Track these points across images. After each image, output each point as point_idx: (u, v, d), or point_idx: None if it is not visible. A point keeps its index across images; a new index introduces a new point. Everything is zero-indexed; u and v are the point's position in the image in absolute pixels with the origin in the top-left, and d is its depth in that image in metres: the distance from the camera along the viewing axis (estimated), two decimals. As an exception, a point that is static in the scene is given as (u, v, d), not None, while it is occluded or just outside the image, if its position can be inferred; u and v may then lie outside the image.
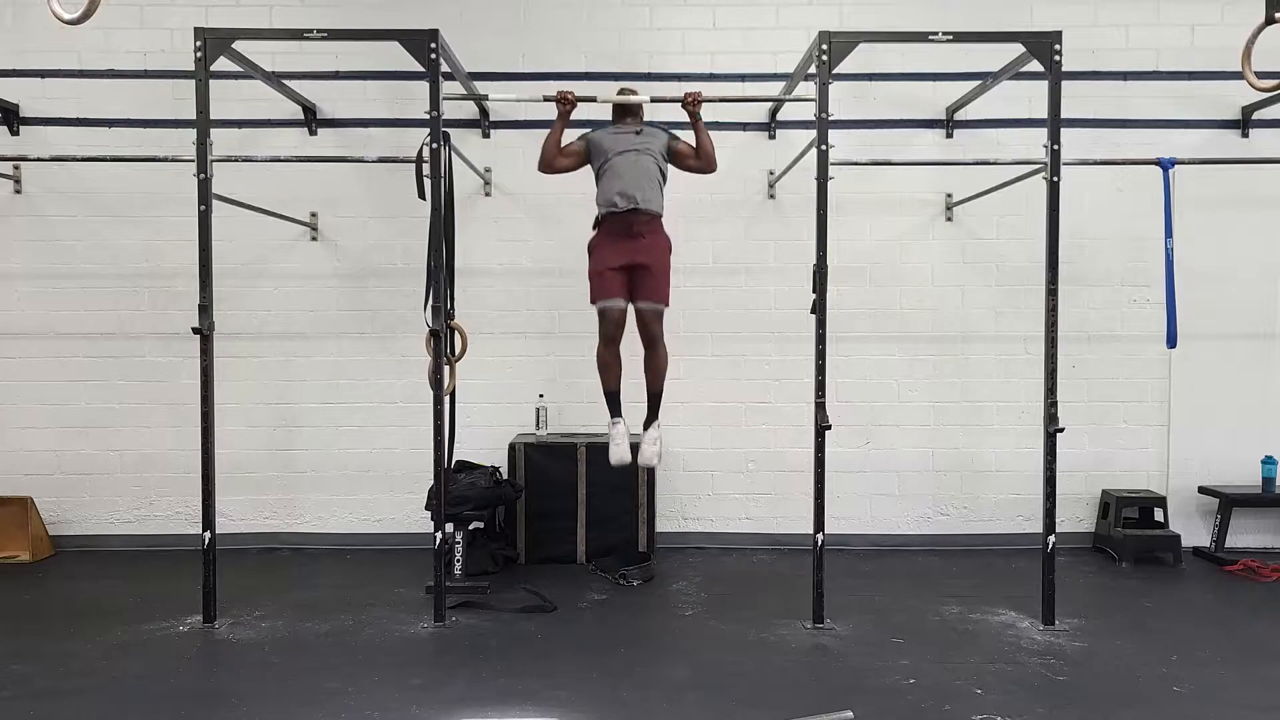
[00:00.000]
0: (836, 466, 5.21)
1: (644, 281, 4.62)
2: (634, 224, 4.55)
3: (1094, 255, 5.92)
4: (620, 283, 4.61)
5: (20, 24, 5.89)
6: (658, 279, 4.64)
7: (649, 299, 4.65)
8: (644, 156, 4.59)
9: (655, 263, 4.62)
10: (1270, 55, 4.60)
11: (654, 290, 4.64)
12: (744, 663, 3.95)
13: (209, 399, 4.42)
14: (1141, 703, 3.55)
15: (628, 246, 4.59)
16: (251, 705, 3.50)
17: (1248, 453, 5.85)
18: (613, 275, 4.60)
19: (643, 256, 4.60)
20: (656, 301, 4.65)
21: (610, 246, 4.61)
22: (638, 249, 4.59)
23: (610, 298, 4.61)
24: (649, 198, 4.54)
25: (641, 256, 4.60)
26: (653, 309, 4.66)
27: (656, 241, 4.66)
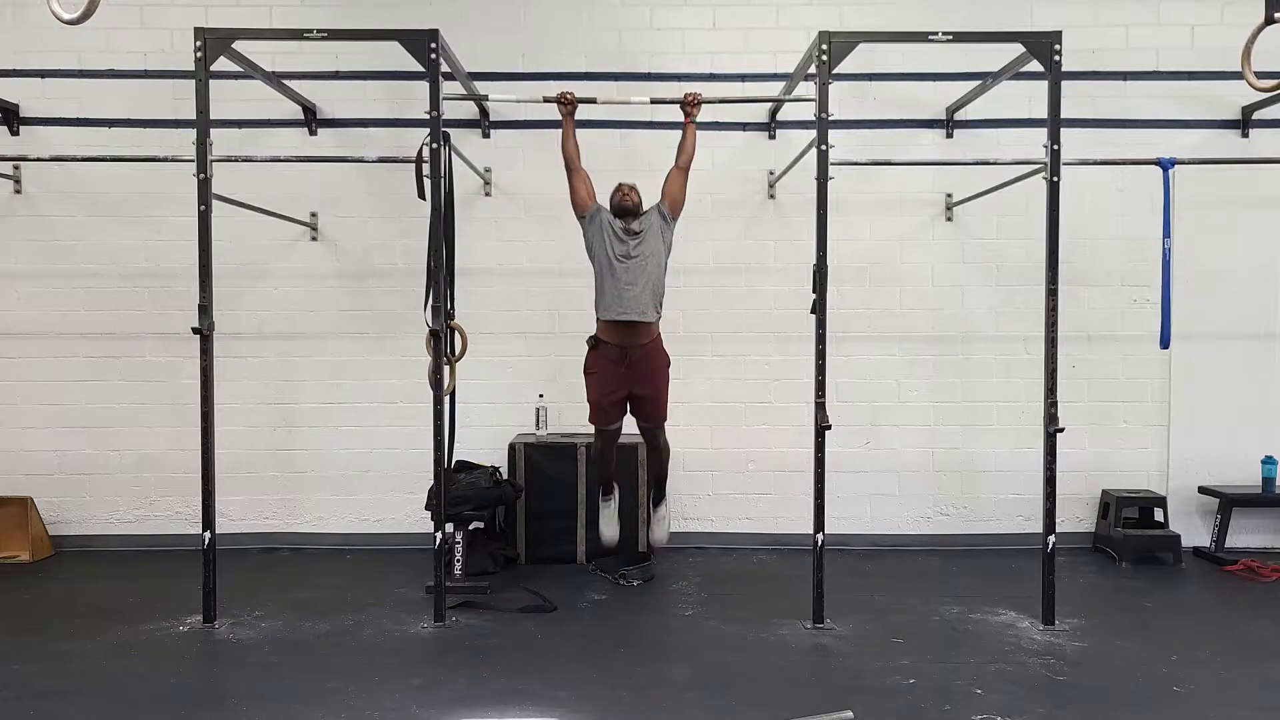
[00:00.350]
0: (836, 466, 5.21)
1: (644, 408, 4.83)
2: (629, 349, 4.71)
3: (1094, 255, 5.92)
4: (619, 409, 4.82)
5: (20, 24, 5.89)
6: (658, 404, 4.84)
7: (649, 421, 4.90)
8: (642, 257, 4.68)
9: (654, 391, 4.79)
10: (1270, 55, 4.61)
11: (654, 414, 4.87)
12: (744, 663, 3.95)
13: (209, 399, 4.42)
14: (1141, 703, 3.55)
15: (626, 375, 4.73)
16: (251, 705, 3.50)
17: (1248, 453, 5.85)
18: (612, 406, 4.79)
19: (642, 388, 4.75)
20: (657, 421, 4.90)
21: (608, 375, 4.74)
22: (636, 379, 4.74)
23: (609, 424, 4.84)
24: (644, 308, 4.67)
25: (641, 388, 4.75)
26: (653, 432, 4.95)
27: (654, 366, 4.79)
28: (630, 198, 4.76)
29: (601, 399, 4.77)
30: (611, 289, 4.67)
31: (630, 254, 4.68)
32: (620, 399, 4.77)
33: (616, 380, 4.73)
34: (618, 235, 4.71)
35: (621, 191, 4.78)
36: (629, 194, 4.76)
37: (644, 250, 4.69)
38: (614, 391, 4.74)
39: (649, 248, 4.70)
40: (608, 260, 4.68)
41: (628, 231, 4.71)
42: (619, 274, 4.65)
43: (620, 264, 4.66)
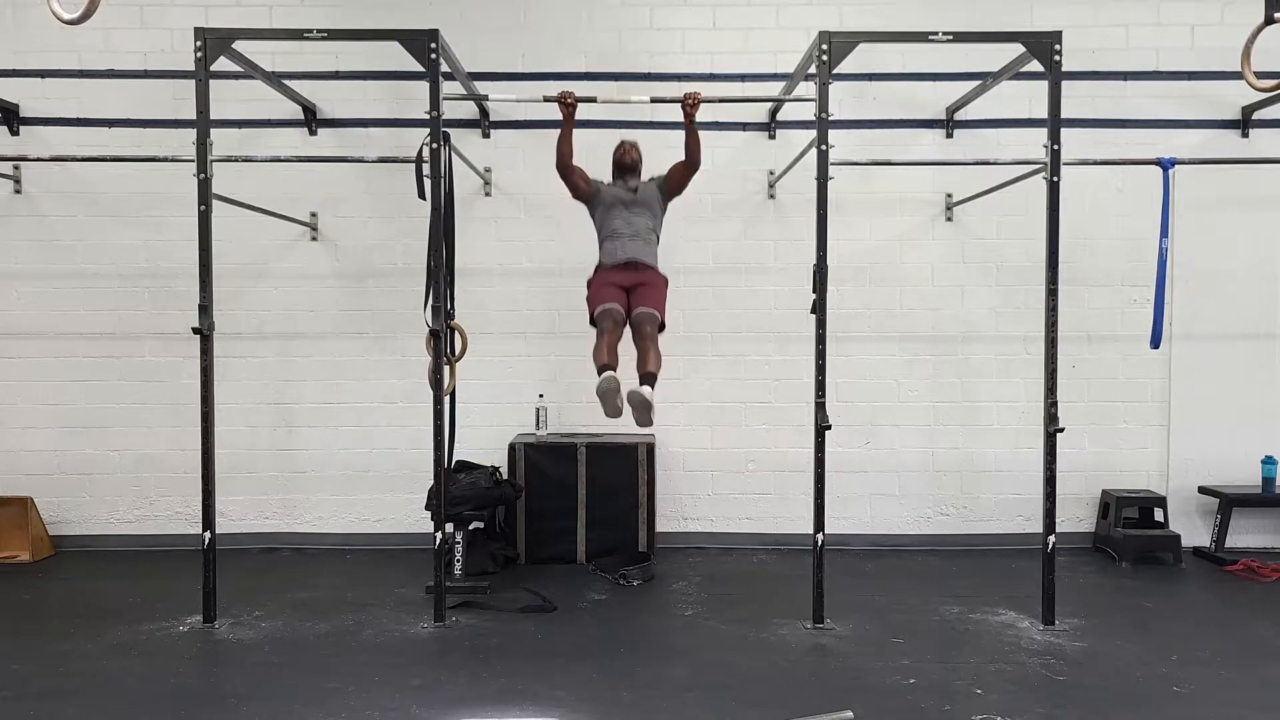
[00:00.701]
0: (836, 466, 5.20)
1: (642, 294, 4.72)
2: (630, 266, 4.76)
3: (1094, 255, 5.92)
4: (619, 295, 4.70)
5: (20, 24, 5.88)
6: (656, 292, 4.75)
7: (646, 305, 4.69)
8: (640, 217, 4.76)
9: (653, 280, 4.76)
10: (1270, 55, 4.61)
11: (651, 300, 4.71)
12: (744, 663, 3.95)
13: (209, 399, 4.42)
14: (1141, 703, 3.55)
15: (626, 274, 4.74)
16: (251, 705, 3.50)
17: (1248, 453, 5.85)
18: (611, 289, 4.72)
19: (641, 278, 4.74)
20: (653, 308, 4.68)
21: (610, 275, 4.77)
22: (635, 276, 4.75)
23: (608, 302, 4.67)
24: (645, 253, 4.74)
25: (640, 278, 4.74)
26: (649, 313, 4.66)
27: (654, 275, 4.81)
28: (630, 154, 4.85)
29: (600, 285, 4.74)
30: (612, 242, 4.75)
31: (629, 215, 4.76)
32: (619, 286, 4.71)
33: (616, 276, 4.74)
34: (618, 199, 4.78)
35: (624, 148, 4.88)
36: (629, 151, 4.86)
37: (642, 211, 4.78)
38: (613, 280, 4.73)
39: (647, 210, 4.80)
40: (608, 220, 4.77)
41: (627, 188, 4.80)
42: (620, 230, 4.73)
43: (620, 221, 4.74)
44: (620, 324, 4.65)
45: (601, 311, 4.66)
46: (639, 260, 4.72)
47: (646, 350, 4.59)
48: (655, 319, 4.65)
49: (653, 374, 4.53)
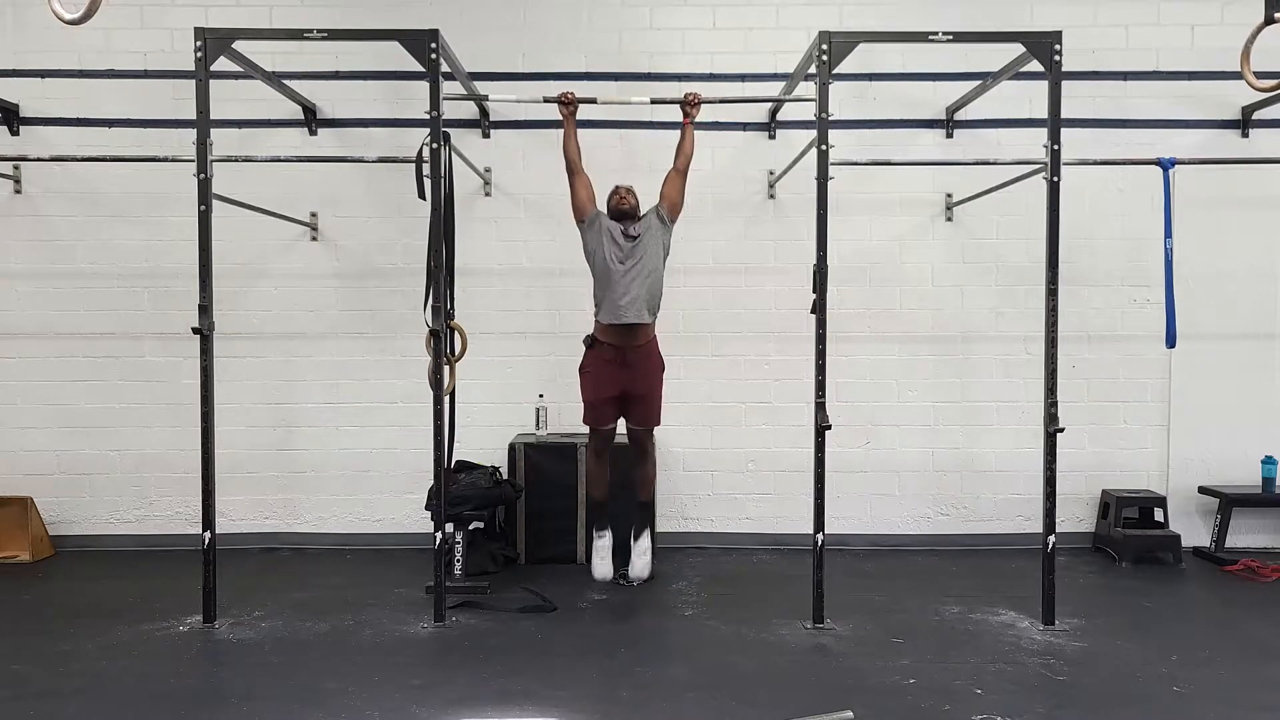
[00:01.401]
0: (836, 466, 5.21)
1: (637, 409, 4.82)
2: (626, 350, 4.73)
3: (1094, 255, 5.93)
4: (613, 407, 4.82)
5: (20, 24, 5.89)
6: (651, 405, 4.83)
7: (641, 423, 4.86)
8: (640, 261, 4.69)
9: (649, 391, 4.80)
10: (1270, 55, 4.61)
11: (646, 416, 4.85)
12: (744, 663, 3.95)
13: (209, 399, 4.42)
14: (1141, 703, 3.55)
15: (620, 376, 4.74)
16: (251, 705, 3.50)
17: (1248, 453, 5.85)
18: (606, 404, 4.80)
19: (636, 387, 4.76)
20: (648, 425, 4.87)
21: (603, 374, 4.76)
22: (631, 378, 4.75)
23: (603, 424, 4.85)
24: (640, 310, 4.68)
25: (635, 387, 4.76)
26: (644, 432, 4.88)
27: (649, 367, 4.80)
28: (627, 200, 4.78)
29: (596, 397, 4.79)
30: (609, 293, 4.68)
31: (628, 258, 4.69)
32: (614, 397, 4.77)
33: (611, 379, 4.74)
34: (616, 240, 4.71)
35: (619, 195, 4.80)
36: (626, 197, 4.79)
37: (642, 254, 4.69)
38: (608, 388, 4.75)
39: (647, 251, 4.71)
40: (606, 265, 4.69)
41: (626, 235, 4.72)
42: (617, 279, 4.66)
43: (618, 268, 4.67)
44: (612, 437, 4.93)
45: (594, 430, 4.89)
46: (635, 324, 4.67)
47: (642, 467, 4.95)
48: (649, 433, 4.90)
49: (648, 503, 5.00)
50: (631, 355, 4.74)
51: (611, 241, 4.71)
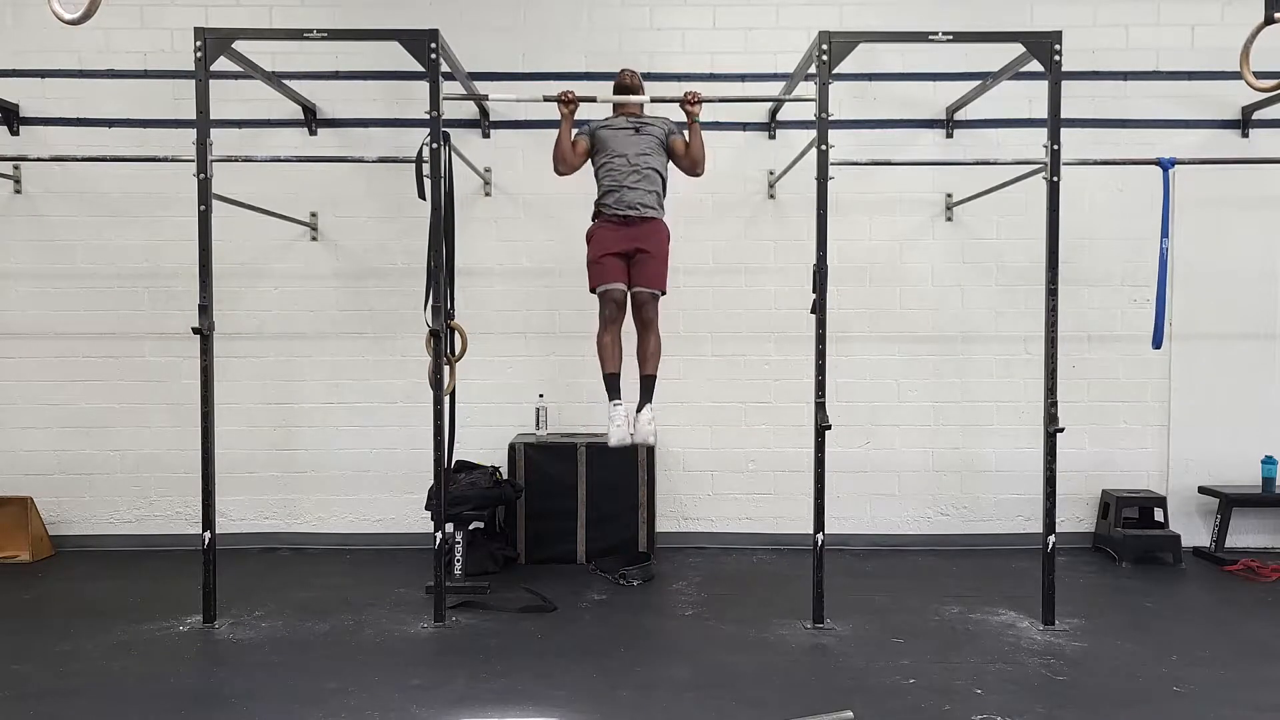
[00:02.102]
0: (836, 466, 5.20)
1: (643, 266, 4.72)
2: (632, 216, 4.71)
3: (1094, 255, 5.92)
4: (619, 268, 4.71)
5: (20, 24, 5.89)
6: (656, 263, 4.74)
7: (646, 284, 4.74)
8: (643, 158, 4.70)
9: (654, 248, 4.73)
10: (1270, 55, 4.61)
11: (652, 276, 4.74)
12: (744, 663, 3.95)
13: (209, 399, 4.42)
14: (1141, 703, 3.55)
15: (626, 234, 4.70)
16: (251, 705, 3.50)
17: (1248, 453, 5.85)
18: (612, 260, 4.69)
19: (642, 242, 4.70)
20: (654, 287, 4.75)
21: (609, 234, 4.72)
22: (636, 236, 4.70)
23: (610, 282, 4.70)
24: (648, 205, 4.70)
25: (640, 242, 4.70)
26: (649, 293, 4.75)
27: (656, 229, 4.77)
28: (634, 82, 4.87)
29: (600, 254, 4.71)
30: (614, 186, 4.71)
31: (631, 145, 4.70)
32: (620, 254, 4.70)
33: (617, 237, 4.71)
34: (620, 135, 4.73)
35: (624, 76, 4.91)
36: (631, 79, 4.88)
37: (646, 143, 4.73)
38: (614, 246, 4.69)
39: (650, 143, 4.74)
40: (609, 149, 4.73)
41: (630, 129, 4.73)
42: (620, 162, 4.69)
43: (621, 150, 4.70)
44: (622, 305, 4.75)
45: (603, 292, 4.73)
46: (641, 212, 4.69)
47: (646, 341, 4.80)
48: (656, 297, 4.76)
49: (652, 376, 4.79)
50: (637, 221, 4.72)
51: (614, 132, 4.74)
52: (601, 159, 4.77)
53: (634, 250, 4.70)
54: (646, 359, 4.84)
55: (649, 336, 4.82)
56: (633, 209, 4.68)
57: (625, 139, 4.72)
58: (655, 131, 4.77)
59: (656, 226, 4.77)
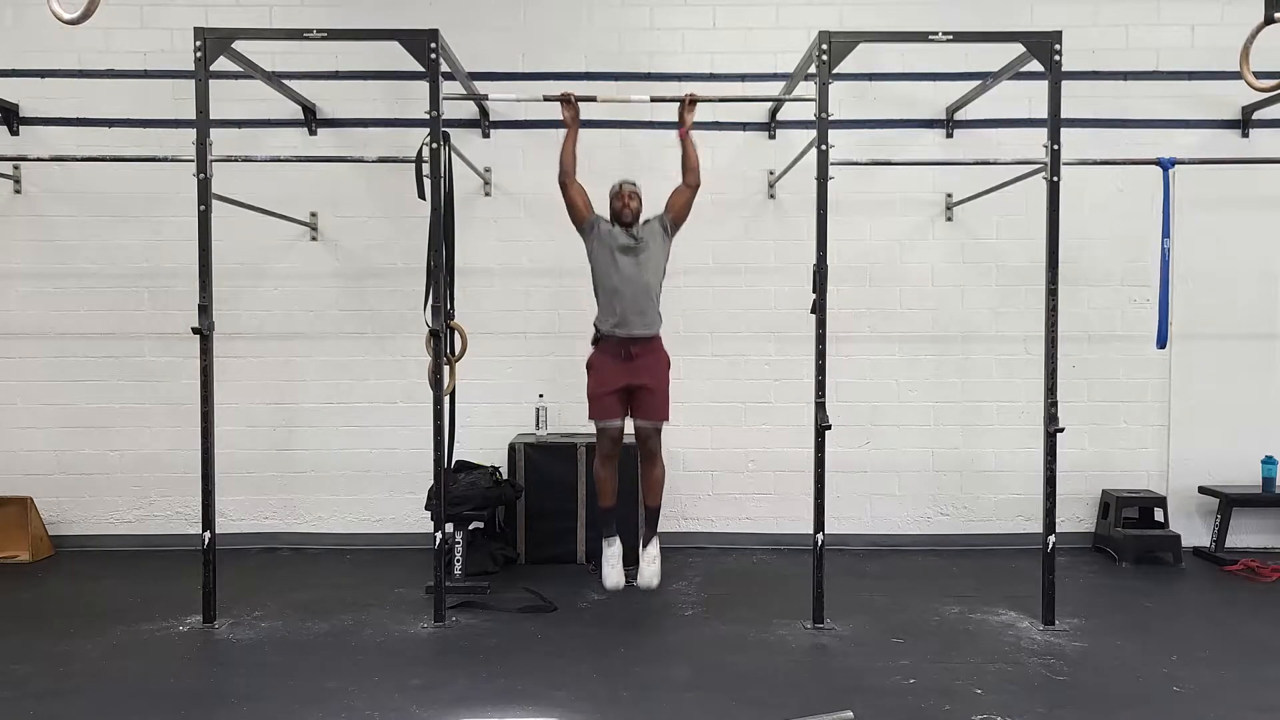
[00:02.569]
0: (836, 466, 5.20)
1: (644, 401, 4.60)
2: (632, 347, 4.58)
3: (1094, 255, 5.92)
4: (619, 402, 4.60)
5: (20, 24, 5.89)
6: (658, 397, 4.62)
7: (648, 417, 4.63)
8: (643, 273, 4.57)
9: (655, 383, 4.61)
10: (1270, 55, 4.60)
11: (654, 409, 4.62)
12: (744, 663, 3.95)
13: (209, 399, 4.42)
14: (1141, 703, 3.55)
15: (627, 368, 4.57)
16: (251, 705, 3.50)
17: (1248, 453, 5.85)
18: (611, 397, 4.58)
19: (643, 378, 4.58)
20: (656, 420, 4.64)
21: (609, 368, 4.59)
22: (637, 370, 4.58)
23: (609, 418, 4.60)
24: (648, 321, 4.58)
25: (641, 378, 4.58)
26: (652, 426, 4.64)
27: (656, 360, 4.65)
28: (630, 206, 4.65)
29: (601, 389, 4.60)
30: (612, 302, 4.57)
31: (630, 269, 4.57)
32: (620, 389, 4.58)
33: (617, 372, 4.58)
34: (618, 248, 4.60)
35: (622, 198, 4.67)
36: (629, 202, 4.65)
37: (645, 263, 4.60)
38: (614, 381, 4.58)
39: (650, 260, 4.62)
40: (608, 273, 4.59)
41: (628, 247, 4.60)
42: (619, 289, 4.55)
43: (620, 279, 4.55)
44: (619, 440, 4.66)
45: (601, 428, 4.64)
46: (641, 337, 4.57)
47: (649, 472, 4.71)
48: (659, 429, 4.67)
49: (656, 508, 4.74)
50: (637, 349, 4.60)
51: (613, 250, 4.59)
52: (599, 270, 4.63)
53: (635, 385, 4.58)
54: (649, 489, 4.73)
55: (652, 467, 4.70)
56: (633, 339, 4.55)
57: (625, 263, 4.56)
58: (654, 242, 4.63)
59: (657, 354, 4.65)
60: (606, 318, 4.60)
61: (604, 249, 4.61)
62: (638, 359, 4.59)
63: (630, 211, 4.63)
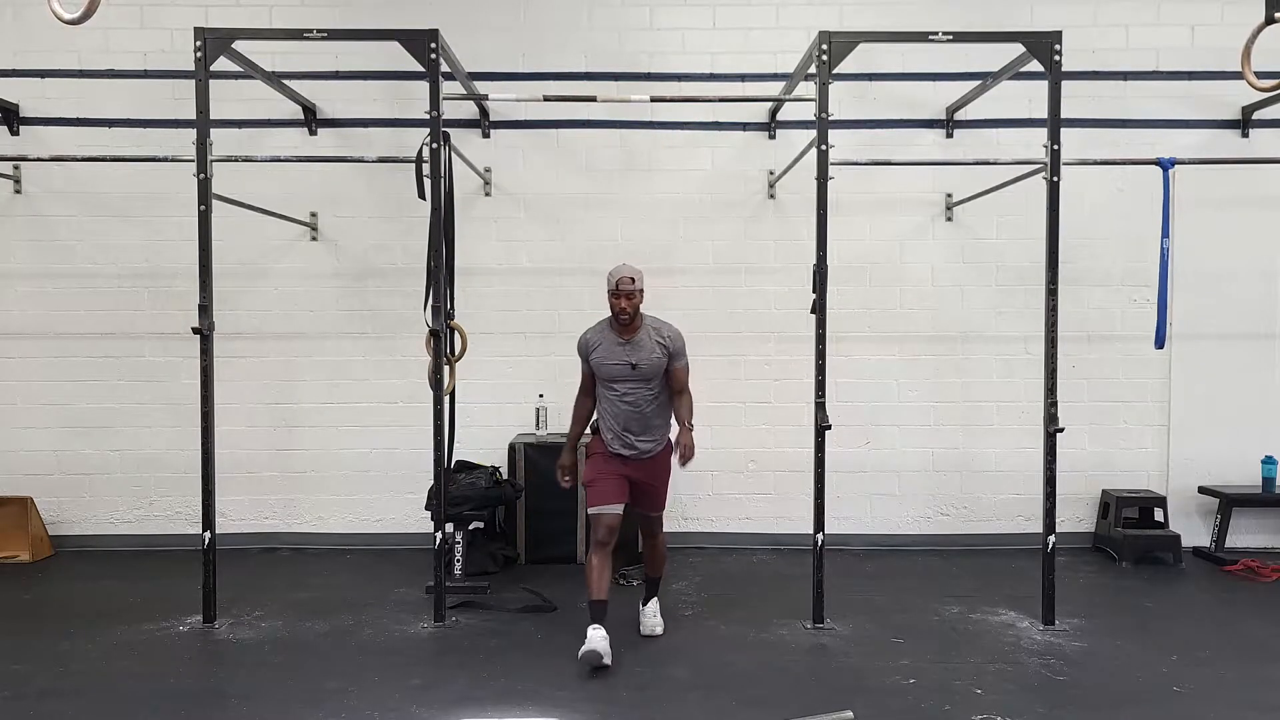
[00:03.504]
0: (836, 466, 5.21)
1: (645, 494, 4.32)
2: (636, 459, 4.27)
3: (1094, 255, 5.92)
4: (619, 488, 4.21)
5: (20, 24, 5.89)
6: (659, 491, 4.38)
7: (648, 509, 4.38)
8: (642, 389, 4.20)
9: (657, 479, 4.35)
10: (1270, 55, 4.61)
11: (654, 502, 4.38)
12: (744, 663, 3.95)
13: (209, 399, 4.42)
14: (1141, 703, 3.55)
15: (631, 467, 4.24)
16: (251, 705, 3.50)
17: (1248, 453, 5.85)
18: (610, 481, 4.20)
19: (645, 475, 4.27)
20: (656, 510, 4.41)
21: (611, 460, 4.25)
22: (640, 470, 4.26)
23: (606, 504, 4.17)
24: (655, 441, 4.27)
25: (643, 474, 4.27)
26: (653, 518, 4.43)
27: (661, 463, 4.34)
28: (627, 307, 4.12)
29: (600, 475, 4.22)
30: (614, 419, 4.23)
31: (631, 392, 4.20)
32: (622, 476, 4.22)
33: (619, 466, 4.23)
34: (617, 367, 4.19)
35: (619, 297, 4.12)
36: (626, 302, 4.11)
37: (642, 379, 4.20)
38: (615, 469, 4.22)
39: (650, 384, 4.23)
40: (608, 389, 4.24)
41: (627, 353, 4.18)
42: (623, 399, 4.20)
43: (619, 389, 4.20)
44: (615, 529, 4.19)
45: (596, 515, 4.16)
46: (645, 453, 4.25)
47: (652, 549, 4.46)
48: (659, 519, 4.43)
49: (658, 579, 4.51)
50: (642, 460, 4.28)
51: (611, 364, 4.20)
52: (601, 379, 4.26)
53: (638, 479, 4.26)
54: (651, 563, 4.49)
55: (654, 544, 4.46)
56: (636, 455, 4.23)
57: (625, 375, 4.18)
58: (655, 357, 4.19)
59: (662, 454, 4.33)
60: (608, 428, 4.27)
61: (603, 366, 4.23)
62: (642, 463, 4.28)
63: (627, 312, 4.12)
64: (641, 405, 4.21)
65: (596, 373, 4.26)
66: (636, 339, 4.18)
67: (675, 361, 4.25)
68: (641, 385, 4.20)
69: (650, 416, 4.25)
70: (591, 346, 4.26)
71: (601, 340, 4.23)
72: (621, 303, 4.11)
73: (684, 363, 4.30)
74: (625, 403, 4.20)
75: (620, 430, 4.21)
